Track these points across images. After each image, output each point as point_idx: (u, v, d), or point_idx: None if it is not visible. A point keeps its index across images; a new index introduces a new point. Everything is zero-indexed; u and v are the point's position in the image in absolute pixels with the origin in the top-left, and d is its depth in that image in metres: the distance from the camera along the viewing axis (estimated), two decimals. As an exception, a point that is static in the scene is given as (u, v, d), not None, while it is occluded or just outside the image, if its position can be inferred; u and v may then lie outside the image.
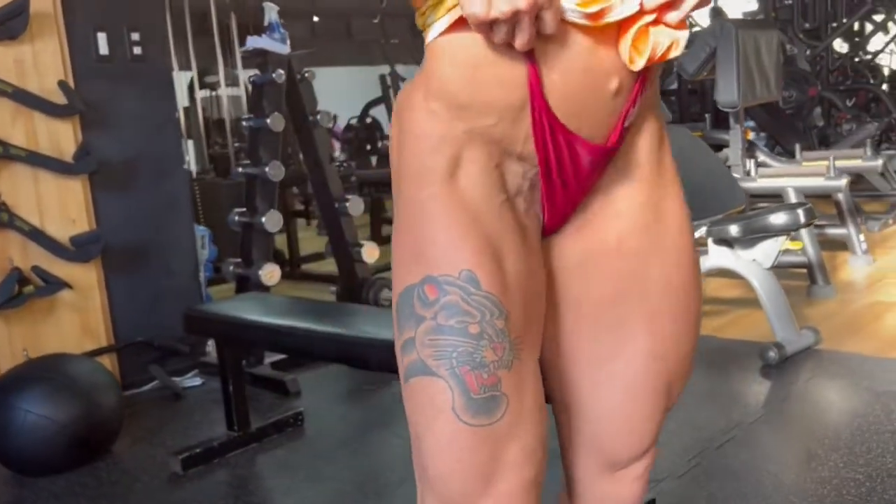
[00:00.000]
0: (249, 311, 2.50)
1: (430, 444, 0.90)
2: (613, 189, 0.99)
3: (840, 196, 4.15)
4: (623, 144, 0.97)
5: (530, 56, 0.87)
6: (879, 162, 4.23)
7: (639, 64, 0.91)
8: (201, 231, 3.74)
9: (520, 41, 0.84)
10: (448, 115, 0.91)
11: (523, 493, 0.91)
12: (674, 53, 0.93)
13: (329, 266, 4.88)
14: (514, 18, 0.82)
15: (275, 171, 3.25)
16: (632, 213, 1.00)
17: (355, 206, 3.49)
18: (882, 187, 5.25)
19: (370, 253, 3.52)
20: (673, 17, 0.90)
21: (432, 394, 0.88)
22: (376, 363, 2.08)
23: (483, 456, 0.89)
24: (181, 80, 5.71)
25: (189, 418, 2.94)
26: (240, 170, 3.34)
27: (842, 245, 4.49)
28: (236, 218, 3.34)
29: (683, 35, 0.93)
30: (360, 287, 3.51)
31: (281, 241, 3.97)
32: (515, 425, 0.89)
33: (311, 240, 5.48)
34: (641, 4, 0.89)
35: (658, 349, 1.02)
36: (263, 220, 3.23)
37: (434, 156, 0.92)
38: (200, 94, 6.29)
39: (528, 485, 0.91)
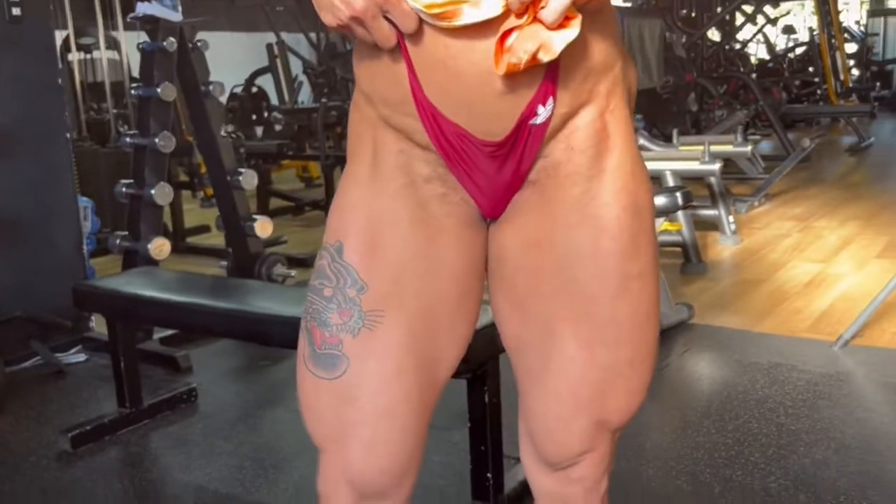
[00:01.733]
0: (143, 286, 2.45)
1: (297, 385, 1.03)
2: (544, 183, 0.98)
3: (713, 180, 4.41)
4: (552, 139, 0.96)
5: (405, 54, 0.91)
6: (748, 148, 4.52)
7: (500, 69, 0.86)
8: (84, 202, 3.60)
9: (377, 41, 0.90)
10: (363, 102, 1.01)
11: (365, 453, 1.00)
12: (544, 57, 0.85)
13: (215, 239, 4.79)
14: (357, 22, 0.88)
15: (165, 142, 3.18)
16: (557, 212, 0.98)
17: (248, 179, 3.45)
18: (749, 171, 5.61)
19: (262, 228, 3.49)
20: (545, 15, 0.83)
21: (300, 341, 1.03)
22: (278, 339, 2.10)
23: (329, 408, 1.00)
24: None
25: (76, 395, 2.86)
26: (128, 139, 3.23)
27: (713, 225, 4.77)
28: (123, 189, 3.24)
29: (559, 37, 0.85)
30: (252, 262, 3.48)
31: (164, 214, 3.87)
32: (356, 387, 0.99)
33: (194, 212, 5.35)
34: (508, 5, 0.84)
35: (583, 356, 1.01)
36: (153, 192, 3.16)
37: (358, 135, 1.02)
38: (76, 56, 6.00)
39: (368, 445, 1.00)
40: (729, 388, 2.72)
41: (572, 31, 0.86)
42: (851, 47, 11.71)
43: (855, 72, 11.62)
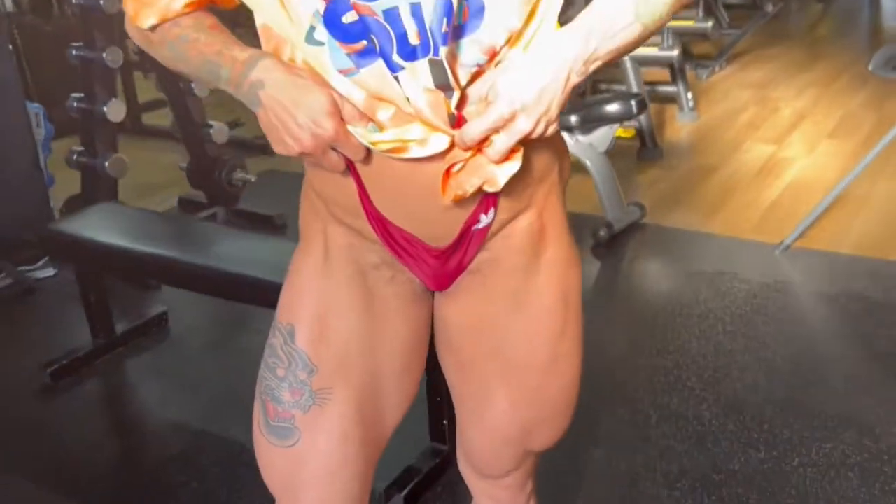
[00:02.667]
0: (114, 234, 2.46)
1: (254, 444, 1.15)
2: (485, 273, 1.08)
3: (672, 61, 4.39)
4: (493, 237, 1.04)
5: (354, 171, 0.98)
6: (710, 24, 4.48)
7: (446, 198, 0.92)
8: (34, 108, 3.53)
9: (326, 168, 0.97)
10: (314, 196, 1.09)
11: None
12: (488, 189, 0.92)
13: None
14: (306, 155, 0.94)
15: (113, 56, 3.08)
16: (497, 300, 1.10)
17: (202, 85, 3.38)
18: (713, 35, 5.52)
19: (219, 134, 3.45)
20: (490, 154, 0.90)
21: (255, 408, 1.14)
22: (254, 300, 2.12)
23: (283, 470, 1.12)
24: None
25: (48, 317, 2.93)
26: (74, 52, 3.13)
27: (672, 99, 4.78)
28: (75, 104, 3.18)
29: (503, 171, 0.90)
30: (211, 168, 3.48)
31: (117, 91, 3.75)
32: (307, 455, 1.10)
33: (149, 90, 5.20)
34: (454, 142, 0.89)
35: (513, 411, 1.16)
36: (105, 108, 3.10)
37: (309, 225, 1.11)
38: None
39: (317, 501, 1.13)
40: (673, 301, 2.87)
41: (515, 164, 0.92)
42: None
43: None
